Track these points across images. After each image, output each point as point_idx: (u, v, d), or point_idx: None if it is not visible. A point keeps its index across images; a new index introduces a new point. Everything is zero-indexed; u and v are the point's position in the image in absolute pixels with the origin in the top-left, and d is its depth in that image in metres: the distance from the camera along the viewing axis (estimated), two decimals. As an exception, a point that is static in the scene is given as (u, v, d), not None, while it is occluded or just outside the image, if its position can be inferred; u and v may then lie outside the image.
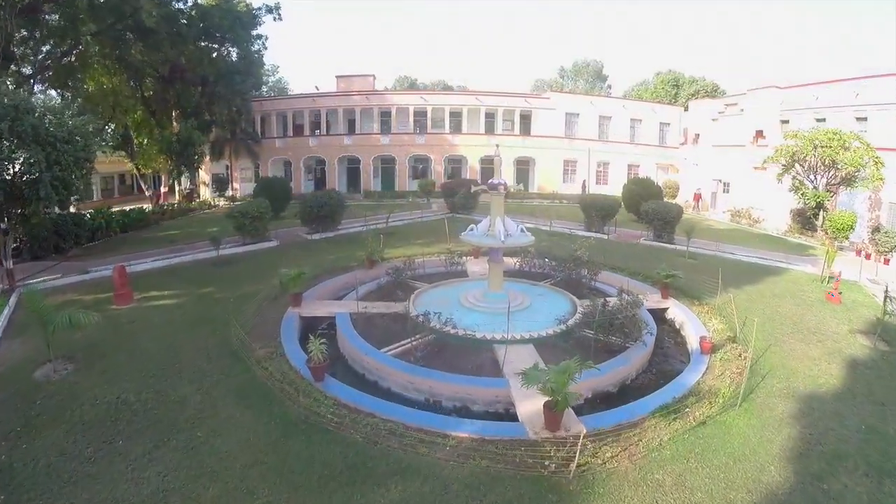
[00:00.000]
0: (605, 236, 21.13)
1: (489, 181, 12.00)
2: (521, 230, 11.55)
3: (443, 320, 10.16)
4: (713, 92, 56.45)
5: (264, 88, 66.18)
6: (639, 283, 14.48)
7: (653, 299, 12.91)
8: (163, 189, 36.61)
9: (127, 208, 26.74)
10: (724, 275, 14.26)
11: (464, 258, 16.22)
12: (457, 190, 26.22)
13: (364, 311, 11.20)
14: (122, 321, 11.70)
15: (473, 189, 15.60)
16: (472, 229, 11.94)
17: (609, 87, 72.58)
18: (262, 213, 18.54)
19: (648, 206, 19.85)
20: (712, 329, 11.59)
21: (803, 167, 25.65)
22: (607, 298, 11.90)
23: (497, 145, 13.25)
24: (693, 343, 10.87)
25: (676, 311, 12.67)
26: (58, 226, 18.94)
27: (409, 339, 9.56)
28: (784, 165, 25.92)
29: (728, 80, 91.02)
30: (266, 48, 35.24)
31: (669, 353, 10.99)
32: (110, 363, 9.42)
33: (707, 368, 9.61)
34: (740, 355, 10.00)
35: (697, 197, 35.96)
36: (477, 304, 11.43)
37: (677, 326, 12.32)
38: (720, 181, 37.47)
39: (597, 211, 20.88)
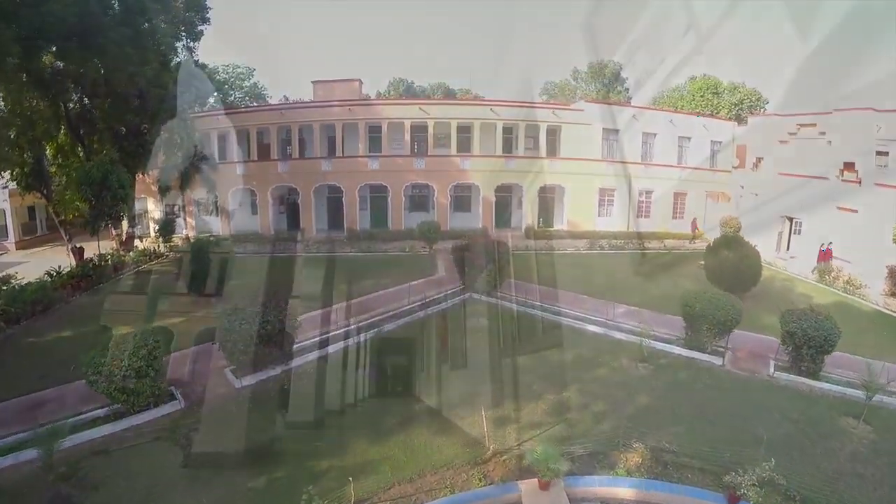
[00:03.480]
0: (720, 361, 13.42)
1: None
2: None
3: None
4: (757, 101, 48.70)
5: (237, 94, 57.36)
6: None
7: None
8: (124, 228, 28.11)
9: (24, 282, 18.87)
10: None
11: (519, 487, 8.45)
12: (475, 261, 18.12)
13: None
14: None
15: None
16: None
17: (627, 89, 64.49)
18: (146, 368, 10.09)
19: (798, 324, 12.08)
20: None
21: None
22: None
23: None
24: None
25: None
26: None
27: None
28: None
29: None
30: (194, 54, 26.90)
31: None
32: None
33: None
34: None
35: (826, 256, 24.50)
36: None
37: None
38: (790, 219, 29.98)
39: (710, 325, 13.14)
